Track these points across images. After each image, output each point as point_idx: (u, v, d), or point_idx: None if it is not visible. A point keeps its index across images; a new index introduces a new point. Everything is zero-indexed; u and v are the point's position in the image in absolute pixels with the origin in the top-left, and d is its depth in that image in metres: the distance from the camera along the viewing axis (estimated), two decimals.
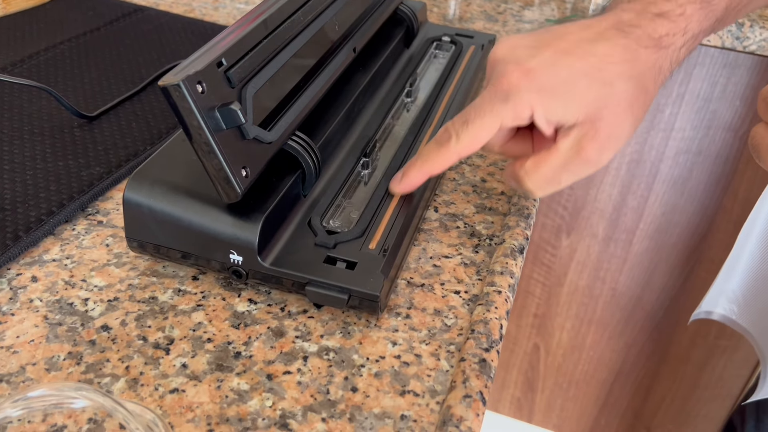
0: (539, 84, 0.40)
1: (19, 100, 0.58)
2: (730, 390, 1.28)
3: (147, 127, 0.56)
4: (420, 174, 0.45)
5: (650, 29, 0.42)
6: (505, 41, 0.43)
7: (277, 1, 0.45)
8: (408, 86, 0.59)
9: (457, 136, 0.42)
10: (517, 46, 0.42)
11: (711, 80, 1.01)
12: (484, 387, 0.36)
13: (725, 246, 1.15)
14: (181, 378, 0.36)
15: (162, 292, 0.42)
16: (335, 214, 0.45)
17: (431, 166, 0.44)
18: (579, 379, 1.42)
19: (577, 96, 0.40)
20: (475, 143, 0.42)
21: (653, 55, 0.42)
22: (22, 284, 0.41)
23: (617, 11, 0.43)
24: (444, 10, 0.89)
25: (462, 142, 0.42)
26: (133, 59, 0.67)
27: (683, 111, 1.05)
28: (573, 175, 0.43)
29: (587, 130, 0.41)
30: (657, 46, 0.42)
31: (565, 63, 0.41)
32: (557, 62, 0.41)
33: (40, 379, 0.36)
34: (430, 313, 0.42)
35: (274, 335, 0.39)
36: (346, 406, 0.35)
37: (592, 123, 0.41)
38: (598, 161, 0.42)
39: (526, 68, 0.41)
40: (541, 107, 0.41)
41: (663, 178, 1.13)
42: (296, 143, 0.43)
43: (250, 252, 0.40)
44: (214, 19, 0.79)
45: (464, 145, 0.42)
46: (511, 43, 0.43)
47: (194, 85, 0.35)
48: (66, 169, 0.50)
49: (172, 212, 0.40)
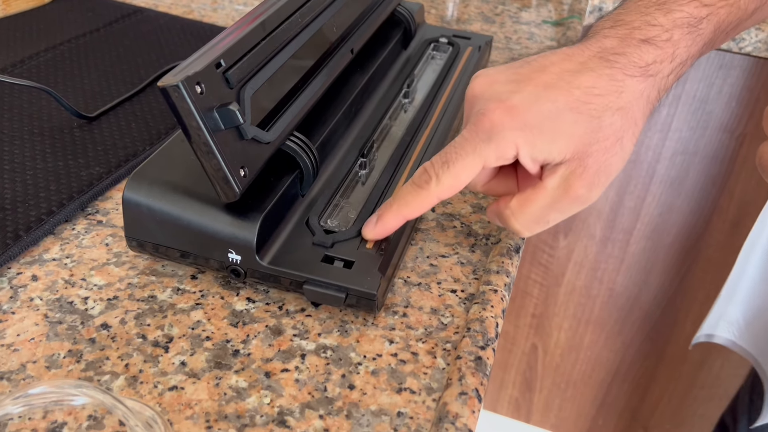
0: (523, 121, 0.38)
1: (19, 100, 0.59)
2: (727, 390, 1.28)
3: (146, 127, 0.57)
4: (396, 218, 0.42)
5: (636, 57, 0.40)
6: (482, 76, 0.41)
7: (275, 3, 0.46)
8: (405, 87, 0.59)
9: (437, 178, 0.40)
10: (495, 81, 0.40)
11: (707, 81, 1.01)
12: (480, 384, 0.37)
13: (721, 246, 1.16)
14: (180, 376, 0.36)
15: (161, 291, 0.42)
16: (333, 213, 0.45)
17: (409, 209, 0.41)
18: (577, 379, 1.42)
19: (563, 132, 0.38)
20: (457, 185, 0.40)
21: (640, 84, 0.40)
22: (22, 283, 0.42)
23: (599, 38, 0.41)
24: (441, 12, 0.90)
25: (442, 184, 0.40)
26: (133, 60, 0.67)
27: (680, 112, 1.06)
28: (561, 214, 0.41)
29: (575, 167, 0.39)
30: (644, 75, 0.40)
31: (548, 98, 0.39)
32: (540, 97, 0.39)
33: (41, 376, 0.36)
34: (426, 312, 0.42)
35: (272, 333, 0.40)
36: (343, 403, 0.36)
37: (580, 160, 0.39)
38: (587, 198, 0.40)
39: (509, 105, 0.39)
40: (526, 146, 0.39)
41: (660, 179, 1.13)
42: (294, 143, 0.44)
43: (248, 251, 0.40)
44: (213, 21, 0.79)
45: (445, 187, 0.40)
46: (489, 78, 0.41)
47: (193, 86, 0.36)
48: (66, 169, 0.50)
49: (171, 212, 0.41)
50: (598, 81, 0.39)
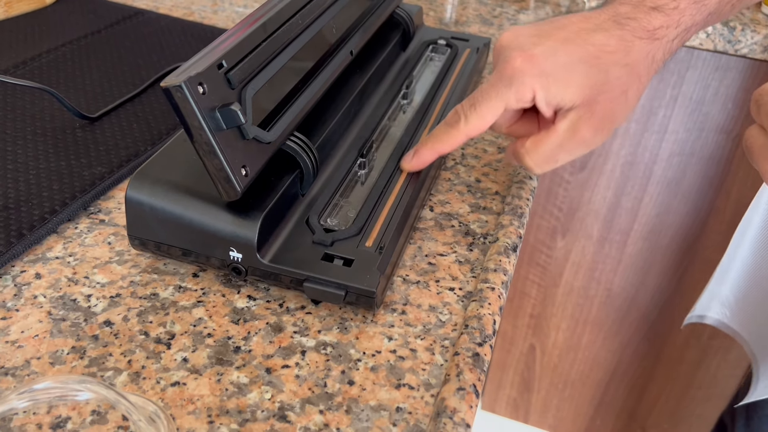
0: (541, 69, 0.43)
1: (21, 101, 0.59)
2: (724, 390, 1.29)
3: (147, 128, 0.57)
4: (431, 153, 0.48)
5: (645, 21, 0.44)
6: (511, 31, 0.46)
7: (276, 5, 0.46)
8: (404, 88, 0.60)
9: (465, 118, 0.45)
10: (521, 34, 0.45)
11: (703, 83, 1.02)
12: (478, 380, 0.37)
13: (718, 247, 1.16)
14: (182, 371, 0.37)
15: (163, 289, 0.43)
16: (333, 212, 0.46)
17: (442, 145, 0.47)
18: (575, 379, 1.43)
19: (575, 81, 0.43)
20: (483, 124, 0.45)
21: (647, 45, 0.45)
22: (26, 281, 0.42)
23: (615, 4, 0.46)
24: (440, 14, 0.90)
25: (470, 123, 0.45)
26: (134, 61, 0.68)
27: (676, 113, 1.06)
28: (569, 154, 0.46)
29: (583, 112, 0.44)
30: (651, 38, 0.45)
31: (565, 50, 0.44)
32: (558, 50, 0.44)
33: (45, 372, 0.36)
34: (425, 309, 0.43)
35: (273, 330, 0.40)
36: (343, 399, 0.36)
37: (588, 106, 0.44)
38: (592, 141, 0.45)
39: (529, 54, 0.43)
40: (542, 91, 0.44)
41: (657, 180, 1.14)
42: (295, 143, 0.44)
43: (249, 249, 0.41)
44: (213, 22, 0.80)
45: (472, 126, 0.45)
46: (516, 32, 0.46)
47: (195, 86, 0.36)
48: (68, 168, 0.51)
49: (173, 210, 0.41)
50: (609, 40, 0.44)
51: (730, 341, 1.22)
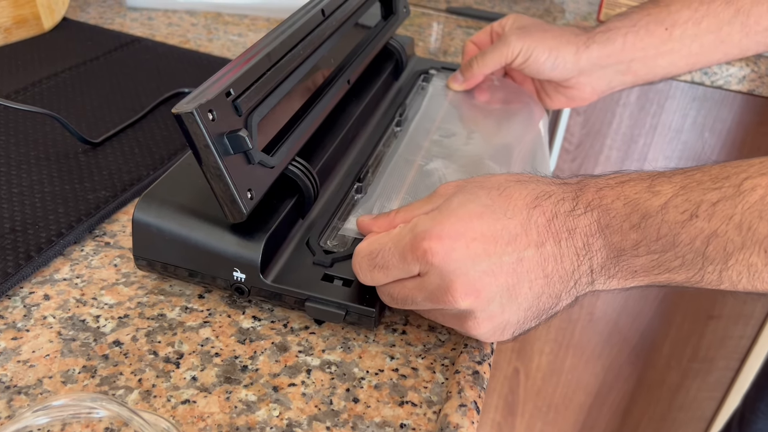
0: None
1: (23, 126, 0.60)
2: (704, 412, 1.31)
3: (149, 153, 0.58)
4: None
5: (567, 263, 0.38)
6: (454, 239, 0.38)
7: (278, 37, 0.48)
8: (398, 116, 0.62)
9: None
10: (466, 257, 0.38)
11: (682, 112, 1.06)
12: (478, 397, 0.39)
13: None
14: (191, 390, 0.38)
15: (170, 310, 0.44)
16: (331, 234, 0.47)
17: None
18: (558, 402, 1.44)
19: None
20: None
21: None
22: (35, 302, 0.43)
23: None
24: (428, 44, 0.93)
25: None
26: (132, 87, 0.69)
27: (656, 142, 1.10)
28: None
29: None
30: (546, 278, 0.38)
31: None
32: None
33: (57, 391, 0.37)
34: (424, 330, 0.44)
35: (278, 350, 0.41)
36: (348, 416, 0.37)
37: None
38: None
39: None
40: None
41: None
42: (296, 168, 0.46)
43: (252, 270, 0.42)
44: (209, 50, 0.81)
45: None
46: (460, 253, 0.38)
47: (206, 113, 0.38)
48: (73, 192, 0.52)
49: (179, 232, 0.43)
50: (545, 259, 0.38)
51: (708, 364, 1.24)
